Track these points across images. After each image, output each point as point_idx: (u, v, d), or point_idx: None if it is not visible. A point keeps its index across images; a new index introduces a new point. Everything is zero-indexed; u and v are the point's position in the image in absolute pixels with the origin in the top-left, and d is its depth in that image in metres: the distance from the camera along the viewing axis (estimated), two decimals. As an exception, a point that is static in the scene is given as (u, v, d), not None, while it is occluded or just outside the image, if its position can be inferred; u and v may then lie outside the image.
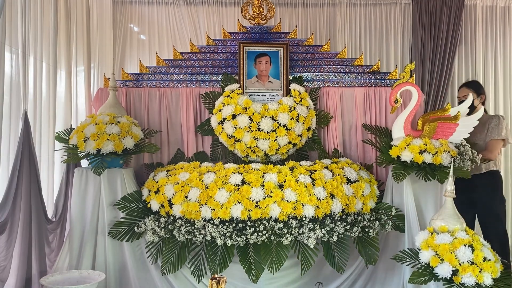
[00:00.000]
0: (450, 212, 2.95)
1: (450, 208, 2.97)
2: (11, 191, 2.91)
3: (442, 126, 3.61)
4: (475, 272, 2.58)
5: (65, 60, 3.90)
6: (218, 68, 4.16)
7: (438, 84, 4.95)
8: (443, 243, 2.72)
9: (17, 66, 3.10)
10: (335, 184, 3.30)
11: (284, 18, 5.16)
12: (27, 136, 3.07)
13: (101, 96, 4.04)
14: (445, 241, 2.74)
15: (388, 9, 5.19)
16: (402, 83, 3.72)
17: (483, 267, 2.61)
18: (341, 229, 3.18)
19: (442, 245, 2.71)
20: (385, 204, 3.59)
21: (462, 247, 2.67)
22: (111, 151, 3.32)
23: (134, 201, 3.45)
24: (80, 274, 3.15)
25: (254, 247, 3.17)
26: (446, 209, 2.98)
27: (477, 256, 2.64)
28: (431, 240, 2.79)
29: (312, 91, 4.09)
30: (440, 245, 2.72)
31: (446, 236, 2.77)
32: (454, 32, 4.98)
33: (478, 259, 2.63)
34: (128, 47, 5.13)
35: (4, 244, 2.81)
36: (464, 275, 2.59)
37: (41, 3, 3.43)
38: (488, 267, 2.61)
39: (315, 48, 4.27)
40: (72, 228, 3.45)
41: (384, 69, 4.99)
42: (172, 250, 3.27)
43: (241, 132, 3.72)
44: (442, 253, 2.67)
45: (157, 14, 5.14)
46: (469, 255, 2.64)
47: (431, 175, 3.38)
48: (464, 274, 2.59)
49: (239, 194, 3.16)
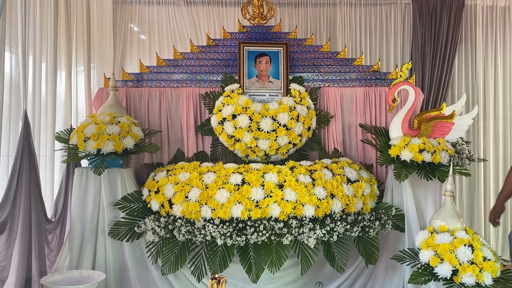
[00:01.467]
0: (450, 212, 2.95)
1: (450, 207, 2.97)
2: (11, 191, 2.91)
3: (439, 125, 3.62)
4: (475, 272, 2.57)
5: (65, 60, 3.89)
6: (218, 68, 4.16)
7: (438, 84, 4.95)
8: (443, 243, 2.72)
9: (17, 66, 3.10)
10: (335, 184, 3.30)
11: (284, 18, 5.15)
12: (27, 136, 3.07)
13: (101, 96, 4.04)
14: (445, 240, 2.73)
15: (388, 9, 5.18)
16: (400, 82, 3.72)
17: (483, 266, 2.60)
18: (341, 229, 3.17)
19: (442, 245, 2.70)
20: (385, 204, 3.59)
21: (462, 246, 2.67)
22: (111, 151, 3.32)
23: (134, 201, 3.45)
24: (80, 274, 3.15)
25: (254, 247, 3.17)
26: (446, 208, 2.98)
27: (477, 255, 2.63)
28: (431, 240, 2.79)
29: (312, 91, 4.09)
30: (440, 245, 2.72)
31: (446, 236, 2.77)
32: (454, 32, 4.98)
33: (478, 259, 2.62)
34: (128, 47, 5.13)
35: (4, 244, 2.81)
36: (464, 275, 2.58)
37: (41, 3, 3.42)
38: (488, 266, 2.60)
39: (315, 48, 4.27)
40: (72, 228, 3.45)
41: (384, 69, 4.98)
42: (172, 250, 3.27)
43: (241, 132, 3.72)
44: (442, 253, 2.67)
45: (157, 14, 5.14)
46: (469, 255, 2.63)
47: (431, 174, 3.39)
48: (464, 274, 2.58)
49: (239, 194, 3.16)
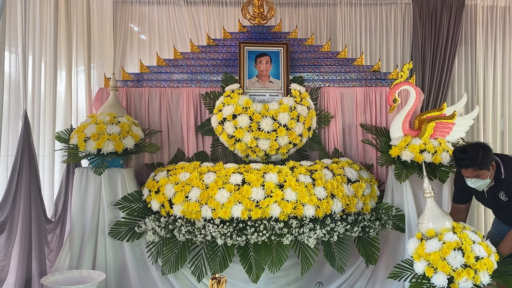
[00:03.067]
0: (434, 213, 2.84)
1: (433, 208, 2.86)
2: (11, 191, 2.91)
3: (440, 126, 3.61)
4: (470, 275, 2.53)
5: (66, 60, 3.89)
6: (219, 68, 4.16)
7: (439, 84, 4.95)
8: (433, 251, 2.63)
9: (17, 66, 3.10)
10: (335, 184, 3.30)
11: (285, 18, 5.15)
12: (27, 136, 3.07)
13: (102, 96, 4.04)
14: (434, 248, 2.64)
15: (389, 9, 5.18)
16: (400, 82, 3.72)
17: (477, 267, 2.55)
18: (341, 229, 3.17)
19: (432, 254, 2.62)
20: (385, 204, 3.59)
21: (452, 252, 2.57)
22: (112, 151, 3.32)
23: (135, 201, 3.45)
24: (81, 274, 3.15)
25: (254, 247, 3.17)
26: (429, 210, 2.86)
27: (468, 257, 2.56)
28: (421, 249, 2.68)
29: (313, 91, 4.09)
30: (431, 253, 2.63)
31: (434, 243, 2.67)
32: (454, 32, 4.98)
33: (470, 261, 2.55)
34: (128, 47, 5.13)
35: (4, 243, 2.81)
36: (460, 280, 2.54)
37: (41, 3, 3.42)
38: (483, 265, 2.54)
39: (316, 48, 4.27)
40: (72, 228, 3.45)
41: (384, 69, 4.98)
42: (173, 250, 3.27)
43: (242, 132, 3.72)
44: (434, 262, 2.58)
45: (157, 14, 5.14)
46: (461, 259, 2.55)
47: (432, 175, 3.39)
48: (459, 280, 2.53)
49: (239, 194, 3.16)
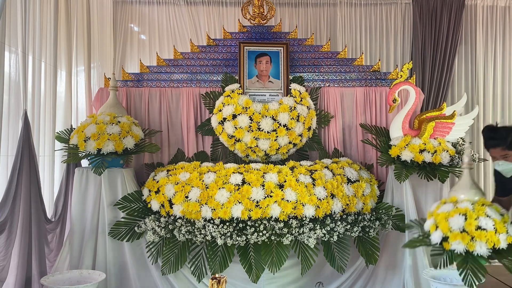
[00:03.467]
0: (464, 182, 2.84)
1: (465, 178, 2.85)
2: (11, 191, 2.91)
3: (439, 125, 3.61)
4: (465, 240, 2.56)
5: (66, 60, 3.89)
6: (219, 68, 4.16)
7: (438, 84, 4.95)
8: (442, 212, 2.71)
9: (17, 66, 3.09)
10: (335, 184, 3.30)
11: (285, 18, 5.16)
12: (27, 136, 3.06)
13: (102, 96, 4.04)
14: (446, 210, 2.71)
15: (389, 9, 5.19)
16: (400, 82, 3.72)
17: (474, 235, 2.58)
18: (341, 229, 3.17)
19: (441, 214, 2.70)
20: (385, 204, 3.59)
21: (456, 215, 2.64)
22: (112, 151, 3.32)
23: (135, 201, 3.45)
24: (81, 274, 3.15)
25: (254, 247, 3.17)
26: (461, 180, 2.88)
27: (469, 224, 2.61)
28: (435, 210, 2.78)
29: (313, 91, 4.09)
30: (440, 214, 2.72)
31: (448, 206, 2.73)
32: (454, 32, 4.98)
33: (469, 227, 2.59)
34: (128, 47, 5.14)
35: (4, 243, 2.81)
36: (453, 241, 2.59)
37: (41, 3, 3.42)
38: (483, 236, 2.57)
39: (316, 48, 4.27)
40: (72, 228, 3.45)
41: (384, 69, 4.98)
42: (173, 250, 3.27)
43: (242, 132, 3.72)
44: (439, 221, 2.67)
45: (157, 14, 5.15)
46: (461, 223, 2.61)
47: (432, 175, 3.39)
48: (453, 241, 2.59)
49: (239, 194, 3.16)
